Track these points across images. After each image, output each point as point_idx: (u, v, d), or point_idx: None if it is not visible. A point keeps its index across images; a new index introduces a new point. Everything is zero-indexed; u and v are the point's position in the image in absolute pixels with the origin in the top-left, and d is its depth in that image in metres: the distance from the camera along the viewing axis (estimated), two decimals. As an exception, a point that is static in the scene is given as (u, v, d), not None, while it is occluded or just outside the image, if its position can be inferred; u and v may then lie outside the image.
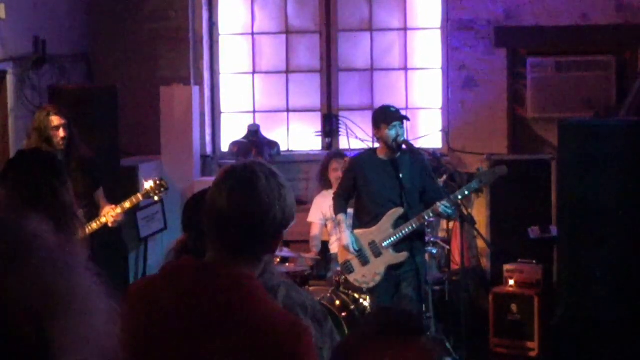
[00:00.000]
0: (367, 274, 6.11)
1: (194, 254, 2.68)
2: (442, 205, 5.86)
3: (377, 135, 6.13)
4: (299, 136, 8.77)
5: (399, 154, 6.06)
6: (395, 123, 5.95)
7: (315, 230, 7.46)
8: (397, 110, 6.10)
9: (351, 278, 6.20)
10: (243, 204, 2.23)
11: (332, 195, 6.61)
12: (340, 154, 7.50)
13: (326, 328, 2.79)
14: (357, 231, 6.19)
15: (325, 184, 7.43)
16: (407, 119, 6.18)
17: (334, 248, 7.24)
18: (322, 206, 7.38)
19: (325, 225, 7.40)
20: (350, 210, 6.37)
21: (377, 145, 6.50)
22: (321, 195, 7.51)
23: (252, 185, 2.24)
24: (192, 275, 2.21)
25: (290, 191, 2.34)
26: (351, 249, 6.11)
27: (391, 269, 6.07)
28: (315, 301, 2.98)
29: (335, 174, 7.23)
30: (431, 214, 5.96)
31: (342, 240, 6.21)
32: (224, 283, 2.19)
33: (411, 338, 1.74)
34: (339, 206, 6.29)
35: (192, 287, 2.19)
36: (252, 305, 2.18)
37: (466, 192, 6.11)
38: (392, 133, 5.95)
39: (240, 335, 2.12)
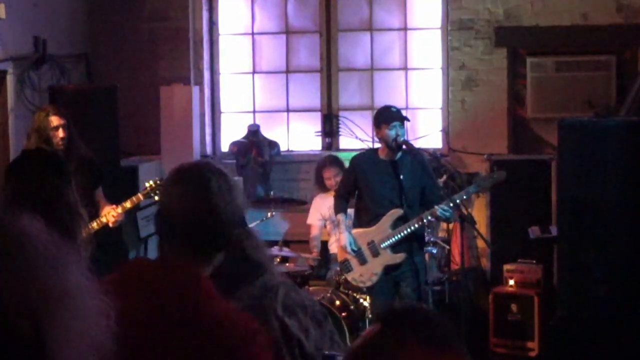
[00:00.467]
0: (365, 274, 6.12)
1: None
2: (439, 209, 5.86)
3: (378, 135, 6.14)
4: (299, 136, 8.77)
5: (399, 154, 6.06)
6: (395, 123, 5.95)
7: (314, 232, 7.48)
8: (398, 111, 6.11)
9: (349, 277, 6.21)
10: (194, 205, 2.26)
11: (330, 197, 6.61)
12: (333, 160, 7.46)
13: (326, 328, 2.79)
14: (356, 231, 6.19)
15: (321, 187, 7.46)
16: (407, 120, 6.18)
17: (333, 248, 7.25)
18: (320, 207, 7.38)
19: (325, 226, 7.40)
20: (350, 211, 6.37)
21: (377, 145, 6.50)
22: (319, 196, 7.52)
23: (203, 186, 2.26)
24: (148, 274, 2.24)
25: (240, 190, 2.36)
26: (348, 249, 6.12)
27: (389, 269, 6.07)
28: (314, 301, 2.97)
29: (329, 182, 7.25)
30: (429, 217, 5.97)
31: (340, 240, 6.22)
32: (178, 282, 2.21)
33: (448, 344, 1.68)
34: (339, 206, 6.30)
35: (148, 285, 2.21)
36: (206, 304, 2.20)
37: (464, 196, 6.12)
38: (392, 133, 5.95)
39: (195, 333, 2.13)
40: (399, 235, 6.00)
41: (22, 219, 1.15)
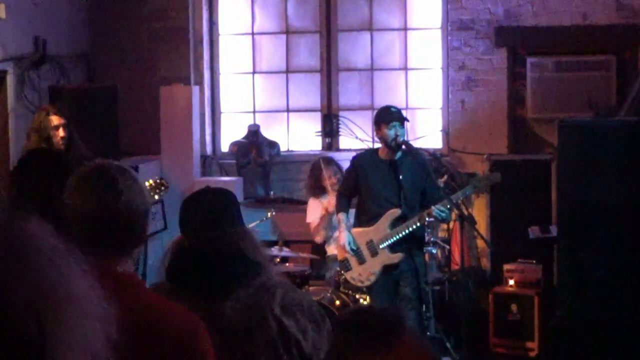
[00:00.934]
0: (363, 273, 6.13)
1: (190, 254, 2.68)
2: (436, 209, 5.87)
3: (378, 135, 6.16)
4: (299, 136, 8.77)
5: (399, 154, 6.07)
6: (394, 123, 5.96)
7: (313, 229, 7.41)
8: (398, 111, 6.11)
9: (348, 276, 6.23)
10: (108, 205, 2.27)
11: (324, 199, 6.62)
12: (329, 160, 7.41)
13: (324, 329, 2.79)
14: (355, 230, 6.21)
15: (316, 191, 7.34)
16: (407, 120, 6.19)
17: (331, 249, 7.23)
18: (317, 207, 7.33)
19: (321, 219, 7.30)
20: (352, 210, 6.38)
21: (377, 145, 6.51)
22: (313, 199, 7.45)
23: (112, 186, 2.28)
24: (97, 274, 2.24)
25: (142, 184, 2.39)
26: (347, 248, 6.13)
27: (388, 269, 6.07)
28: (313, 302, 2.97)
29: (332, 181, 7.20)
30: (427, 217, 5.97)
31: (340, 238, 6.23)
32: (112, 282, 2.21)
33: (390, 339, 1.69)
34: (340, 205, 6.30)
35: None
36: (146, 302, 2.21)
37: (461, 197, 6.13)
38: (391, 133, 5.96)
39: (139, 333, 2.12)
40: (398, 236, 6.01)
41: (30, 222, 1.16)
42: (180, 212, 3.00)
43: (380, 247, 6.06)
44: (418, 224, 6.01)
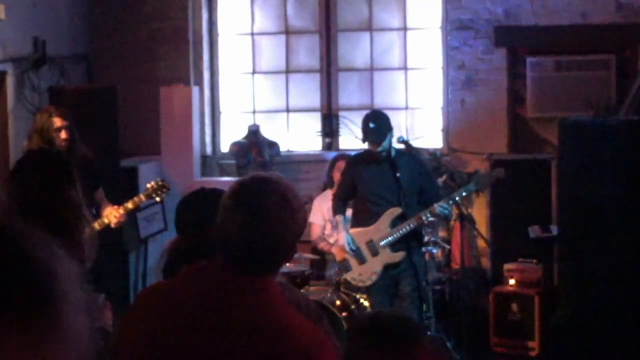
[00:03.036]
0: (364, 273, 6.13)
1: (188, 254, 2.68)
2: (438, 206, 5.87)
3: None
4: (299, 136, 8.77)
5: (394, 153, 6.07)
6: (368, 142, 5.99)
7: (316, 232, 7.43)
8: (374, 130, 5.94)
9: (348, 276, 6.22)
10: (253, 233, 2.21)
11: (331, 196, 6.61)
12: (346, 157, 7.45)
13: (321, 328, 2.79)
14: (354, 230, 6.20)
15: (329, 183, 7.39)
16: (379, 142, 5.97)
17: (333, 249, 7.24)
18: (321, 207, 7.36)
19: (324, 227, 7.37)
20: (348, 212, 6.37)
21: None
22: (321, 196, 7.50)
23: (262, 215, 2.22)
24: (222, 285, 2.21)
25: (301, 205, 2.31)
26: (347, 249, 6.13)
27: (388, 268, 6.07)
28: (310, 301, 2.98)
29: (339, 174, 7.18)
30: (429, 215, 5.97)
31: (339, 239, 6.22)
32: (254, 296, 2.19)
33: (411, 346, 1.70)
34: (337, 207, 6.30)
35: (222, 297, 2.19)
36: (280, 319, 2.18)
37: (463, 194, 6.12)
38: (372, 147, 5.99)
39: (263, 340, 2.12)
40: (398, 234, 6.00)
41: (26, 231, 1.15)
42: (176, 213, 3.02)
43: (381, 246, 6.06)
44: (418, 222, 6.00)
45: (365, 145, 6.17)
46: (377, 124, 5.96)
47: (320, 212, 7.38)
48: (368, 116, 6.14)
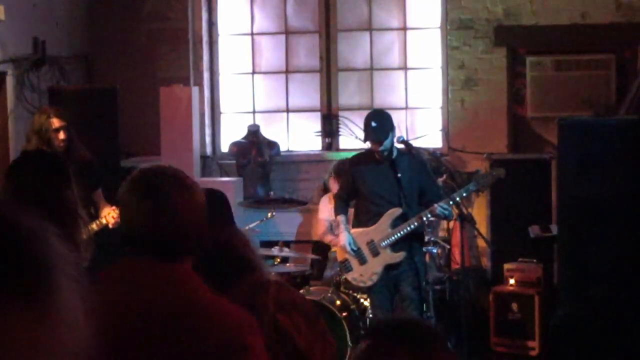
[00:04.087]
0: (365, 273, 6.12)
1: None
2: (439, 207, 5.87)
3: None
4: (299, 136, 8.77)
5: (395, 153, 6.07)
6: (369, 141, 6.00)
7: (322, 228, 7.40)
8: (375, 128, 5.94)
9: (349, 276, 6.21)
10: (155, 221, 2.26)
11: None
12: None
13: (317, 326, 2.80)
14: (355, 230, 6.19)
15: (326, 192, 7.44)
16: (381, 141, 5.97)
17: (335, 248, 7.24)
18: (329, 205, 7.33)
19: (331, 226, 7.36)
20: (350, 211, 6.37)
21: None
22: (327, 195, 7.50)
23: (163, 201, 2.26)
24: (145, 276, 2.25)
25: (199, 188, 2.36)
26: (348, 249, 6.12)
27: (389, 268, 6.07)
28: (307, 299, 2.99)
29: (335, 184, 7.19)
30: (429, 215, 5.97)
31: (340, 239, 6.22)
32: (177, 283, 2.24)
33: (430, 352, 1.69)
34: (339, 207, 6.30)
35: (147, 288, 2.23)
36: (207, 302, 2.23)
37: (464, 194, 6.12)
38: (373, 147, 6.00)
39: (190, 324, 2.16)
40: (399, 235, 6.00)
41: (27, 218, 1.16)
42: None
43: (382, 247, 6.05)
44: (419, 222, 6.00)
45: (367, 145, 6.17)
46: (379, 123, 5.96)
47: (327, 208, 7.34)
48: (370, 115, 6.14)
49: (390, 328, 1.73)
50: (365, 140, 6.08)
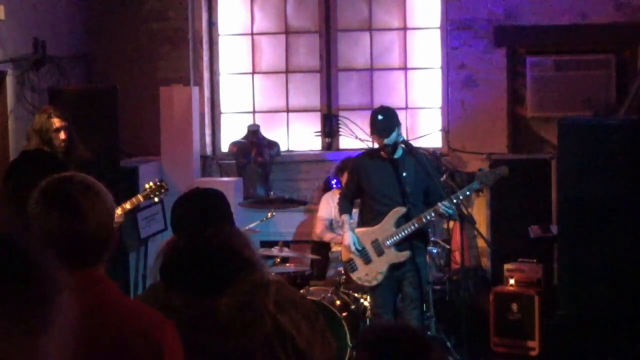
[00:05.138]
0: (370, 273, 6.12)
1: (183, 254, 2.69)
2: (442, 206, 5.87)
3: (373, 139, 6.20)
4: (299, 136, 8.77)
5: (400, 153, 6.07)
6: (376, 135, 6.02)
7: (320, 226, 7.38)
8: (382, 121, 5.98)
9: (354, 276, 6.20)
10: (74, 226, 2.27)
11: (337, 195, 6.61)
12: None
13: (317, 326, 2.80)
14: (359, 230, 6.19)
15: (327, 190, 7.41)
16: (387, 133, 5.98)
17: (336, 247, 7.24)
18: (329, 203, 7.31)
19: (331, 224, 7.35)
20: (355, 210, 6.37)
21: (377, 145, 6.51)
22: (330, 192, 7.48)
23: (76, 206, 2.28)
24: None
25: (107, 193, 2.38)
26: (353, 249, 6.12)
27: (393, 268, 6.07)
28: (306, 299, 2.99)
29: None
30: (432, 214, 5.96)
31: (344, 239, 6.21)
32: (86, 287, 2.23)
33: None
34: (344, 207, 6.30)
35: None
36: (116, 304, 2.25)
37: (467, 193, 6.12)
38: (379, 141, 6.01)
39: (110, 333, 2.18)
40: (403, 234, 6.00)
41: (29, 242, 1.20)
42: (172, 213, 3.03)
43: (387, 246, 6.05)
44: (422, 222, 6.00)
45: (366, 145, 6.17)
46: (385, 117, 6.02)
47: (327, 207, 7.34)
48: (376, 110, 6.19)
49: (379, 337, 1.74)
50: (371, 134, 6.09)
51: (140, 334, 2.19)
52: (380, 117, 6.01)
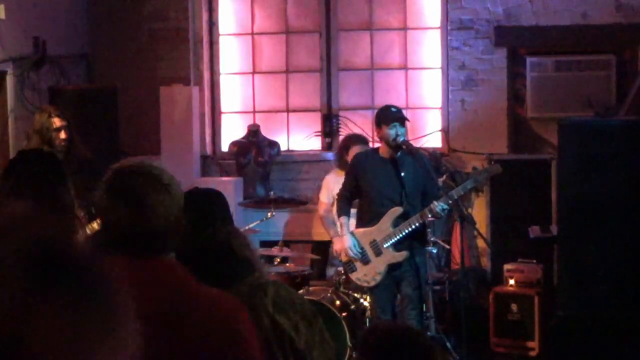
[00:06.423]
0: (368, 273, 6.12)
1: (182, 254, 2.69)
2: (439, 205, 5.87)
3: (378, 134, 6.17)
4: (299, 136, 8.77)
5: (399, 153, 6.07)
6: (395, 123, 5.97)
7: (322, 208, 7.30)
8: (399, 110, 6.11)
9: (353, 277, 6.21)
10: (138, 218, 2.27)
11: (342, 176, 6.55)
12: (362, 140, 7.32)
13: (316, 327, 2.80)
14: (357, 230, 6.19)
15: (341, 164, 7.24)
16: (407, 120, 6.18)
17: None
18: (329, 184, 7.22)
19: (332, 204, 7.25)
20: (353, 211, 6.36)
21: (377, 144, 6.50)
22: (331, 175, 7.37)
23: (136, 202, 2.27)
24: (131, 272, 2.24)
25: (173, 184, 2.34)
26: (351, 254, 6.12)
27: (391, 268, 6.07)
28: (305, 300, 2.99)
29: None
30: (429, 214, 5.97)
31: (343, 242, 6.21)
32: (163, 275, 2.25)
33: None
34: (342, 208, 6.28)
35: (134, 282, 2.22)
36: (195, 292, 2.24)
37: (462, 192, 6.12)
38: (391, 133, 5.97)
39: (190, 320, 2.17)
40: (401, 234, 6.00)
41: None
42: None
43: (384, 246, 6.06)
44: (420, 222, 6.01)
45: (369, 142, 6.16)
46: (398, 109, 6.12)
47: (328, 190, 7.22)
48: (385, 105, 6.25)
49: (381, 339, 1.74)
50: (390, 122, 5.99)
51: (221, 322, 2.18)
52: (393, 108, 6.08)
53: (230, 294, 2.58)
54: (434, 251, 7.34)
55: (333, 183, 7.15)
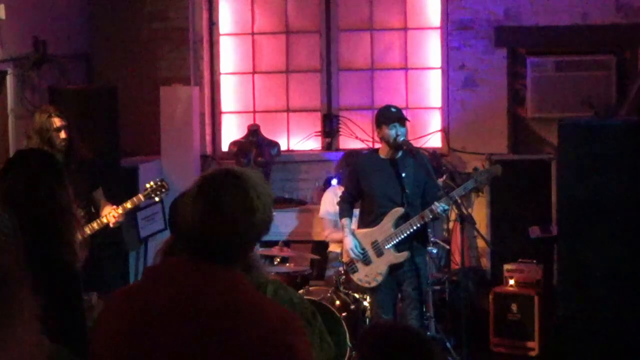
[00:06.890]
0: (369, 274, 6.13)
1: (181, 254, 2.69)
2: (440, 206, 5.87)
3: (379, 135, 6.17)
4: (299, 136, 8.77)
5: (400, 153, 6.07)
6: (395, 123, 5.97)
7: (327, 229, 7.32)
8: (399, 111, 6.11)
9: (354, 277, 6.21)
10: (214, 224, 2.23)
11: (341, 190, 6.58)
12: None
13: (315, 327, 2.80)
14: (359, 231, 6.20)
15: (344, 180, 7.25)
16: (407, 120, 6.18)
17: (333, 247, 7.23)
18: (333, 200, 7.25)
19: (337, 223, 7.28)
20: (356, 211, 6.36)
21: (377, 145, 6.50)
22: (330, 190, 7.42)
23: (216, 205, 2.24)
24: (188, 276, 2.22)
25: (266, 204, 2.30)
26: (353, 255, 6.12)
27: (393, 269, 6.08)
28: (304, 300, 2.99)
29: None
30: (430, 215, 5.97)
31: (345, 243, 6.22)
32: (221, 282, 2.21)
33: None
34: (344, 210, 6.29)
35: (190, 287, 2.20)
36: (250, 302, 2.21)
37: (462, 192, 6.13)
38: (392, 133, 5.98)
39: (243, 330, 2.13)
40: (402, 235, 6.00)
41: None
42: (169, 213, 3.03)
43: (386, 247, 6.06)
44: (421, 222, 6.00)
45: (370, 142, 6.17)
46: (398, 109, 6.12)
47: (331, 204, 7.23)
48: (385, 106, 6.24)
49: (380, 339, 1.74)
50: (391, 122, 6.01)
51: (270, 332, 2.15)
52: (393, 108, 6.09)
53: None
54: (434, 251, 7.34)
55: (333, 198, 7.13)
